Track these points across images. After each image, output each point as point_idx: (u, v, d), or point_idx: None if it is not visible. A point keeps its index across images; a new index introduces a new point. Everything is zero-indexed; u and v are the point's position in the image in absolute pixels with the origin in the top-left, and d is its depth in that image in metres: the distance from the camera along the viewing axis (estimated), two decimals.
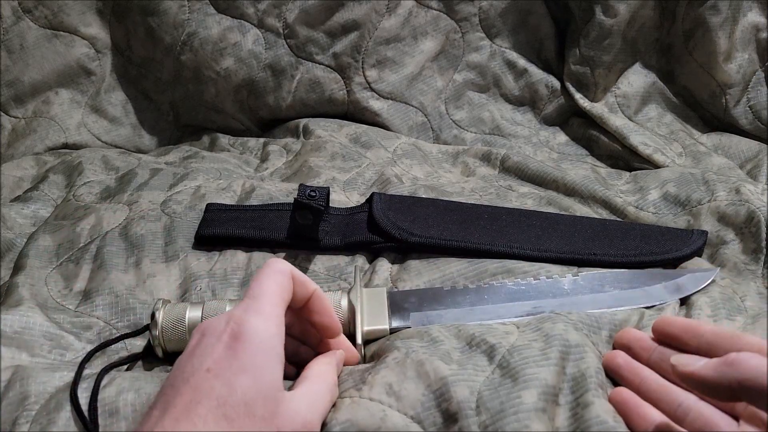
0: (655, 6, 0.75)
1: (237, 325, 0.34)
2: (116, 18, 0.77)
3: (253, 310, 0.35)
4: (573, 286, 0.48)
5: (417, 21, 0.77)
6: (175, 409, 0.32)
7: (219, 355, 0.33)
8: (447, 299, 0.47)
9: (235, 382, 0.32)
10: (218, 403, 0.32)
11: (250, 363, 0.33)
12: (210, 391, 0.32)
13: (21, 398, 0.40)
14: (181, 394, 0.32)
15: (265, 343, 0.34)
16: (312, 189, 0.51)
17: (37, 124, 0.76)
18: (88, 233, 0.56)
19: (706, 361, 0.33)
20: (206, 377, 0.32)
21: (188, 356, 0.35)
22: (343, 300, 0.45)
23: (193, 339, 0.36)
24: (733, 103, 0.74)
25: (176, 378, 0.34)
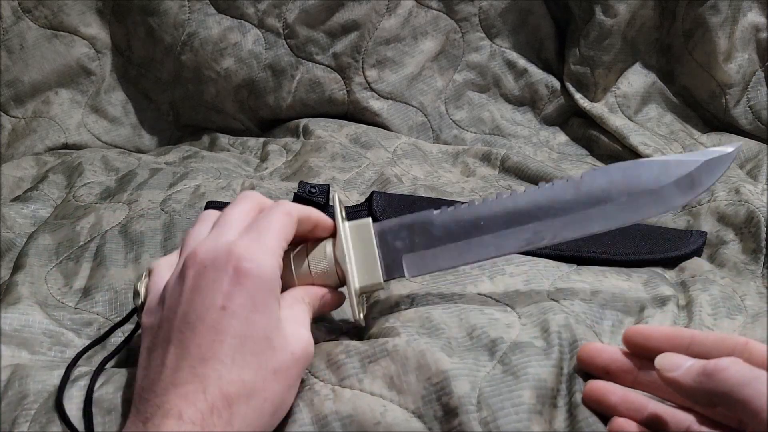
0: (655, 6, 0.75)
1: (240, 257, 0.34)
2: (116, 18, 0.77)
3: (258, 243, 0.35)
4: (576, 195, 0.41)
5: (417, 21, 0.77)
6: (199, 349, 0.32)
7: (228, 290, 0.33)
8: (440, 230, 0.41)
9: (252, 318, 0.33)
10: (240, 341, 0.32)
11: (259, 300, 0.33)
12: (230, 328, 0.32)
13: (20, 397, 0.40)
14: (201, 334, 0.32)
15: (267, 276, 0.34)
16: (312, 186, 0.52)
17: (37, 124, 0.76)
18: (87, 232, 0.56)
19: (689, 365, 0.33)
20: (222, 315, 0.33)
21: (193, 290, 0.34)
22: (327, 247, 0.40)
23: (189, 269, 0.35)
24: (733, 103, 0.74)
25: (185, 313, 0.33)
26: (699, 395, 0.32)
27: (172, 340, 0.33)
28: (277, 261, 0.35)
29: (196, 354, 0.32)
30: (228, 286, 0.33)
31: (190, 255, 0.35)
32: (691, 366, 0.33)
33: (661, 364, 0.34)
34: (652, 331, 0.37)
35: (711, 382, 0.31)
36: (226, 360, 0.32)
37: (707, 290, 0.47)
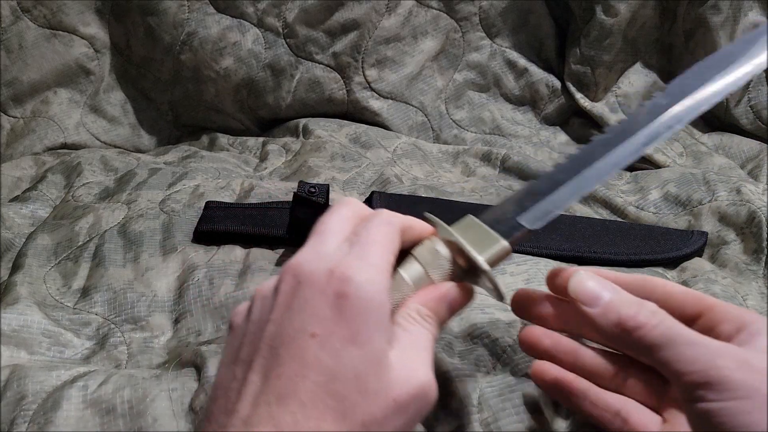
0: (655, 6, 0.75)
1: (343, 279, 0.29)
2: (115, 18, 0.77)
3: (361, 259, 0.29)
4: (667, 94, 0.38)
5: (417, 20, 0.77)
6: (278, 382, 0.28)
7: (324, 316, 0.28)
8: (544, 185, 0.37)
9: (344, 352, 0.28)
10: (326, 379, 0.27)
11: (359, 328, 0.28)
12: (316, 362, 0.27)
13: (18, 398, 0.39)
14: (284, 364, 0.28)
15: (375, 301, 0.29)
16: (311, 186, 0.51)
17: (36, 124, 0.76)
18: (86, 232, 0.56)
19: (607, 300, 0.31)
20: (311, 345, 0.28)
21: (284, 308, 0.29)
22: (437, 245, 0.35)
23: (284, 283, 0.30)
24: (734, 102, 0.74)
25: (271, 333, 0.29)
26: (617, 343, 0.31)
27: (254, 363, 0.29)
28: (386, 281, 0.30)
29: (274, 388, 0.28)
30: (324, 310, 0.28)
31: (288, 265, 0.31)
32: (609, 305, 0.31)
33: (575, 291, 0.32)
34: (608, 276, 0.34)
35: (628, 338, 0.30)
36: (307, 402, 0.27)
37: (709, 290, 0.47)
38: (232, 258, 0.52)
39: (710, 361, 0.28)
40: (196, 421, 0.38)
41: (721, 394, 0.27)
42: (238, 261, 0.52)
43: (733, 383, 0.27)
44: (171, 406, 0.39)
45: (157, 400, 0.39)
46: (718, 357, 0.28)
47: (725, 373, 0.27)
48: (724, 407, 0.27)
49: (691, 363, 0.28)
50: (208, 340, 0.46)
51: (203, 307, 0.49)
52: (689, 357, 0.28)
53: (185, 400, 0.39)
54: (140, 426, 0.38)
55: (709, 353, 0.28)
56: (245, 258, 0.53)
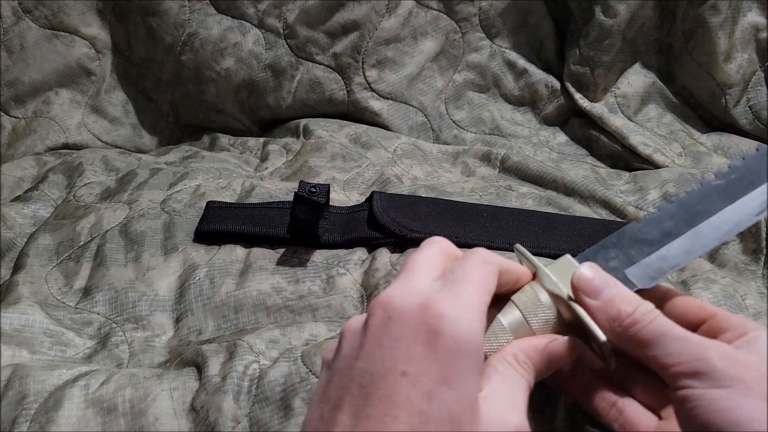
0: (654, 6, 0.75)
1: (437, 316, 0.28)
2: (116, 18, 0.77)
3: (456, 298, 0.28)
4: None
5: (417, 21, 0.77)
6: (368, 422, 0.27)
7: (416, 354, 0.27)
8: (653, 232, 0.35)
9: (438, 393, 0.27)
10: (419, 419, 0.26)
11: (452, 369, 0.27)
12: (407, 403, 0.26)
13: (20, 397, 0.40)
14: (373, 404, 0.27)
15: (469, 343, 0.27)
16: (312, 185, 0.51)
17: (38, 124, 0.76)
18: (88, 232, 0.56)
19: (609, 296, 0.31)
20: (402, 384, 0.27)
21: (374, 344, 0.28)
22: (540, 294, 0.33)
23: (374, 317, 0.29)
24: (733, 103, 0.74)
25: (360, 371, 0.28)
26: (612, 337, 0.31)
27: (343, 402, 0.28)
28: (481, 321, 0.29)
29: (364, 428, 0.27)
30: (415, 348, 0.27)
31: (378, 300, 0.29)
32: (610, 300, 0.31)
33: (579, 281, 0.32)
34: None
35: (624, 333, 0.30)
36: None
37: (708, 289, 0.47)
38: (233, 257, 0.53)
39: (697, 353, 0.29)
40: (197, 420, 0.39)
41: (704, 382, 0.28)
42: (239, 260, 0.52)
43: (718, 372, 0.28)
44: (172, 405, 0.39)
45: (159, 399, 0.39)
46: (704, 349, 0.29)
47: (711, 363, 0.28)
48: (705, 393, 0.28)
49: (678, 355, 0.29)
50: (209, 339, 0.46)
51: (204, 307, 0.49)
52: (677, 350, 0.29)
53: (186, 399, 0.40)
54: (141, 425, 0.38)
55: (697, 346, 0.29)
56: (246, 257, 0.53)
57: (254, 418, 0.38)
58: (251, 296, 0.49)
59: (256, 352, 0.42)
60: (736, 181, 0.35)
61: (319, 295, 0.49)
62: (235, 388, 0.39)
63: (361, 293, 0.49)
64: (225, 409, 0.38)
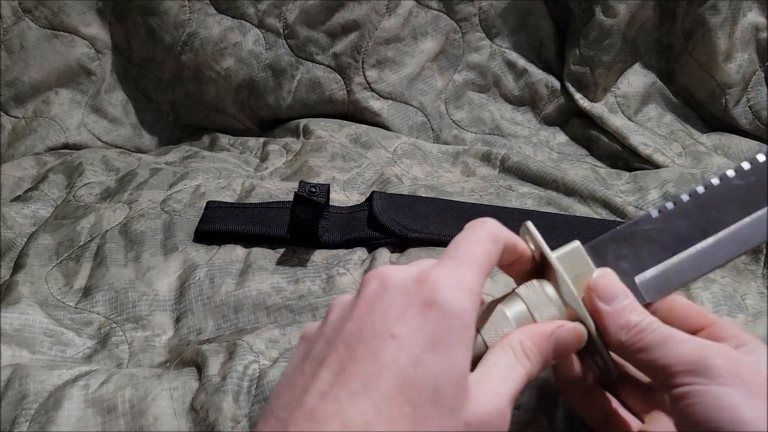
0: (654, 6, 0.75)
1: (433, 290, 0.28)
2: (116, 18, 0.77)
3: (454, 275, 0.29)
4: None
5: (417, 21, 0.77)
6: (351, 378, 0.26)
7: (408, 321, 0.27)
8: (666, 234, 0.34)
9: (425, 359, 0.26)
10: (403, 383, 0.26)
11: (442, 339, 0.27)
12: (393, 364, 0.26)
13: (20, 397, 0.40)
14: (358, 360, 0.27)
15: (461, 318, 0.28)
16: (312, 185, 0.51)
17: (38, 124, 0.76)
18: (88, 231, 0.56)
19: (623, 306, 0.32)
20: (391, 345, 0.27)
21: (366, 309, 0.28)
22: (547, 288, 0.33)
23: (368, 286, 0.29)
24: (733, 103, 0.74)
25: (349, 332, 0.28)
26: (615, 343, 0.32)
27: (327, 360, 0.28)
28: (475, 300, 0.29)
29: (346, 383, 0.26)
30: (408, 314, 0.27)
31: (373, 272, 0.30)
32: (622, 308, 0.32)
33: (596, 285, 0.33)
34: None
35: (628, 340, 0.31)
36: (379, 402, 0.26)
37: (708, 288, 0.47)
38: (233, 257, 0.53)
39: (699, 352, 0.29)
40: (197, 420, 0.39)
41: (706, 379, 0.28)
42: (239, 260, 0.52)
43: (720, 370, 0.28)
44: (172, 405, 0.39)
45: (158, 399, 0.39)
46: (707, 349, 0.29)
47: (713, 361, 0.28)
48: (706, 390, 0.28)
49: (680, 355, 0.29)
50: (209, 339, 0.46)
51: (204, 306, 0.49)
52: (680, 350, 0.29)
53: (186, 399, 0.40)
54: (141, 425, 0.38)
55: (699, 346, 0.29)
56: (246, 257, 0.53)
57: (254, 418, 0.38)
58: (251, 296, 0.49)
59: (256, 352, 0.42)
60: (756, 185, 0.33)
61: (319, 294, 0.49)
62: (235, 388, 0.39)
63: None
64: (225, 409, 0.38)
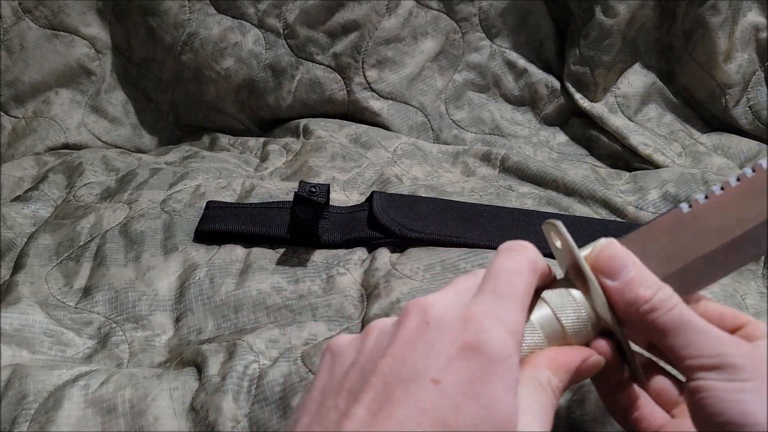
0: (654, 6, 0.75)
1: (477, 332, 0.27)
2: (116, 18, 0.77)
3: (498, 315, 0.28)
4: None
5: (417, 21, 0.77)
6: (388, 422, 0.25)
7: (450, 364, 0.26)
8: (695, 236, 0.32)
9: (465, 407, 0.26)
10: (442, 430, 0.25)
11: (486, 386, 0.26)
12: (433, 410, 0.25)
13: (20, 397, 0.40)
14: (396, 403, 0.26)
15: (505, 361, 0.27)
16: (312, 185, 0.51)
17: (38, 124, 0.76)
18: (88, 231, 0.56)
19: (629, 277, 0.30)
20: (430, 390, 0.26)
21: (406, 345, 0.27)
22: (575, 294, 0.31)
23: (410, 319, 0.28)
24: (733, 103, 0.74)
25: (386, 367, 0.27)
26: (627, 320, 0.30)
27: (363, 396, 0.26)
28: (519, 337, 0.28)
29: (383, 425, 0.25)
30: (449, 358, 0.26)
31: (416, 302, 0.29)
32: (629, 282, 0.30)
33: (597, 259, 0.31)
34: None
35: (641, 318, 0.30)
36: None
37: (708, 288, 0.47)
38: (233, 257, 0.53)
39: (717, 349, 0.28)
40: (197, 420, 0.39)
41: (722, 375, 0.27)
42: (239, 260, 0.52)
43: (736, 368, 0.27)
44: (172, 405, 0.39)
45: (158, 399, 0.39)
46: (724, 345, 0.28)
47: (730, 360, 0.28)
48: (721, 384, 0.27)
49: (697, 348, 0.28)
50: (208, 339, 0.46)
51: (204, 306, 0.49)
52: (697, 343, 0.28)
53: (186, 399, 0.40)
54: (141, 425, 0.38)
55: (717, 341, 0.28)
56: (246, 257, 0.53)
57: (254, 417, 0.39)
58: (251, 296, 0.49)
59: (255, 352, 0.42)
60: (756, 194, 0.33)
61: (319, 294, 0.49)
62: (235, 387, 0.39)
63: (361, 293, 0.49)
64: (225, 408, 0.38)
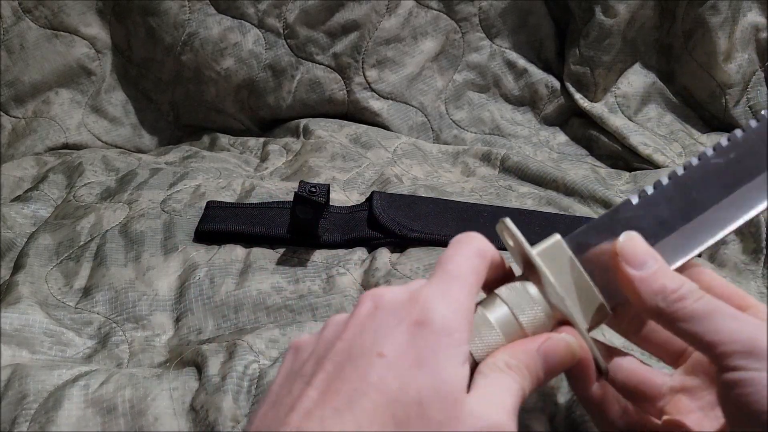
0: (654, 6, 0.75)
1: (423, 309, 0.28)
2: (116, 18, 0.77)
3: (444, 294, 0.29)
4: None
5: (417, 21, 0.77)
6: (336, 396, 0.27)
7: (397, 340, 0.27)
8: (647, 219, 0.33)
9: (410, 376, 0.27)
10: (387, 400, 0.26)
11: (430, 357, 0.27)
12: (379, 382, 0.27)
13: (20, 397, 0.40)
14: (344, 379, 0.27)
15: (450, 335, 0.28)
16: (312, 185, 0.51)
17: (38, 124, 0.76)
18: (88, 231, 0.56)
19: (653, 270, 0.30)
20: (377, 364, 0.27)
21: (357, 328, 0.29)
22: (530, 288, 0.31)
23: (362, 306, 0.30)
24: (733, 103, 0.74)
25: (338, 350, 0.28)
26: (649, 310, 0.30)
27: (315, 379, 0.28)
28: (466, 318, 0.29)
29: (331, 401, 0.27)
30: (398, 334, 0.28)
31: (369, 292, 0.30)
32: (654, 273, 0.30)
33: (623, 249, 0.31)
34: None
35: (667, 307, 0.29)
36: (362, 420, 0.26)
37: None
38: (233, 257, 0.53)
39: (752, 333, 0.28)
40: (197, 420, 0.39)
41: (759, 362, 0.27)
42: (239, 260, 0.52)
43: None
44: (172, 405, 0.39)
45: (158, 399, 0.39)
46: (760, 330, 0.28)
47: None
48: (760, 377, 0.27)
49: (731, 333, 0.28)
50: (209, 339, 0.46)
51: (204, 306, 0.49)
52: (730, 328, 0.28)
53: (186, 399, 0.40)
54: (141, 425, 0.38)
55: (751, 326, 0.28)
56: (246, 257, 0.53)
57: None
58: (251, 296, 0.49)
59: (255, 352, 0.42)
60: (735, 162, 0.32)
61: (319, 294, 0.49)
62: (235, 387, 0.39)
63: (361, 293, 0.49)
64: (225, 408, 0.38)
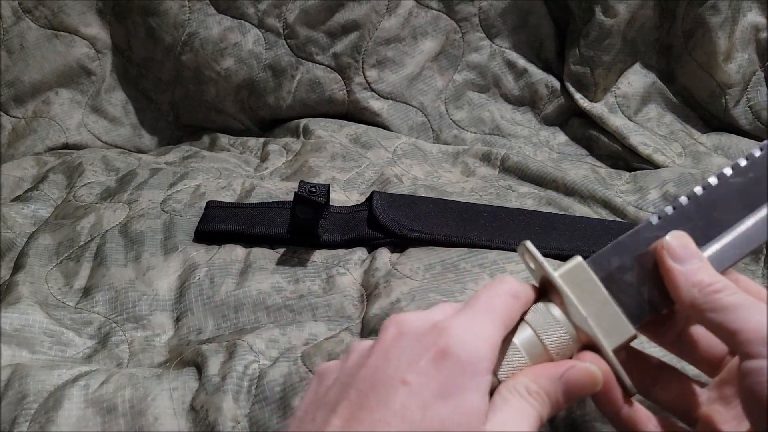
0: (654, 6, 0.75)
1: (448, 339, 0.28)
2: (116, 18, 0.77)
3: (471, 325, 0.29)
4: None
5: (417, 21, 0.77)
6: (360, 425, 0.27)
7: (420, 368, 0.27)
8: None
9: (434, 406, 0.27)
10: (411, 429, 0.26)
11: (453, 387, 0.27)
12: (402, 411, 0.27)
13: (20, 397, 0.40)
14: (368, 408, 0.27)
15: (474, 365, 0.28)
16: (312, 185, 0.51)
17: (38, 124, 0.76)
18: (88, 231, 0.56)
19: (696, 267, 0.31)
20: (400, 392, 0.27)
21: (381, 355, 0.29)
22: (552, 309, 0.31)
23: (386, 332, 0.30)
24: (733, 103, 0.74)
25: (362, 378, 0.28)
26: (685, 301, 0.30)
27: (339, 407, 0.28)
28: (492, 351, 0.28)
29: (355, 430, 0.27)
30: (421, 362, 0.28)
31: (394, 317, 0.30)
32: (696, 269, 0.31)
33: (670, 244, 0.31)
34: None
35: (704, 297, 0.30)
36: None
37: None
38: (233, 257, 0.53)
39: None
40: (197, 420, 0.39)
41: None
42: (239, 260, 0.52)
43: None
44: (172, 405, 0.39)
45: (158, 399, 0.39)
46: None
47: None
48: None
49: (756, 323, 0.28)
50: (209, 339, 0.46)
51: (204, 306, 0.49)
52: (756, 320, 0.28)
53: (186, 399, 0.40)
54: (141, 425, 0.38)
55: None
56: (246, 257, 0.53)
57: (254, 417, 0.39)
58: (251, 296, 0.49)
59: (255, 352, 0.42)
60: (754, 182, 0.33)
61: (319, 294, 0.49)
62: (235, 387, 0.40)
63: (361, 293, 0.49)
64: (225, 408, 0.38)
